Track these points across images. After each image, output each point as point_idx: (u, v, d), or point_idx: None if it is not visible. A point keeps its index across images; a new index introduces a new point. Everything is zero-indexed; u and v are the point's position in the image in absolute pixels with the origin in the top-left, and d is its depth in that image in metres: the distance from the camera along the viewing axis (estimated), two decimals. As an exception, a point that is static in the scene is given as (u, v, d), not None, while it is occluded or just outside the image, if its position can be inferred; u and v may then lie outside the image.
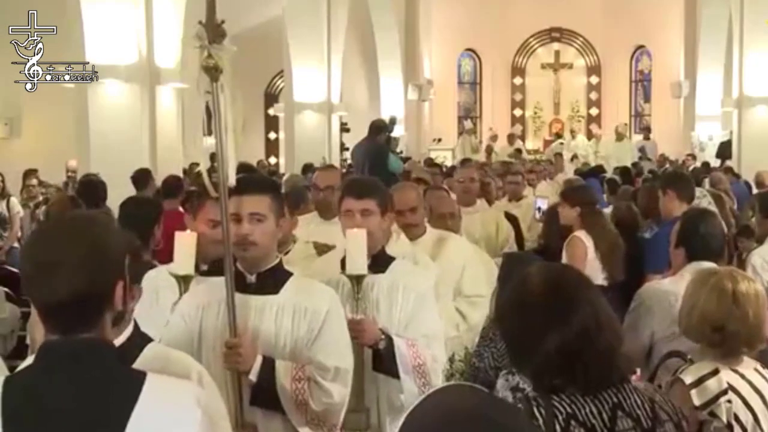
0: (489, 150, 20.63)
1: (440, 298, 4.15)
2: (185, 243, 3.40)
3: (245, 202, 3.10)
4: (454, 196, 6.43)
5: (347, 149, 16.64)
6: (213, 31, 3.04)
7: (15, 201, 9.95)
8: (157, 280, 3.51)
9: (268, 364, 3.03)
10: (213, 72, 3.04)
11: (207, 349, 3.12)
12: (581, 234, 5.79)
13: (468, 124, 23.29)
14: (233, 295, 3.02)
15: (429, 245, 4.65)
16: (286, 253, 4.51)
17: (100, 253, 1.94)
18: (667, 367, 3.38)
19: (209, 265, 3.58)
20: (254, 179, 3.27)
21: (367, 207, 3.58)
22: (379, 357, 3.46)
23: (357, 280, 3.40)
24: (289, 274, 3.22)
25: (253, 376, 3.02)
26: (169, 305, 3.37)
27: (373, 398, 3.55)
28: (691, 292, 3.10)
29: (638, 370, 3.91)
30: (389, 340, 3.44)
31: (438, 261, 4.45)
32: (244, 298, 3.08)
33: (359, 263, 3.39)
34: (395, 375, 3.46)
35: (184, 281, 3.36)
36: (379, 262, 3.60)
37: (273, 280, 3.16)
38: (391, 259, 3.69)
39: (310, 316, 3.11)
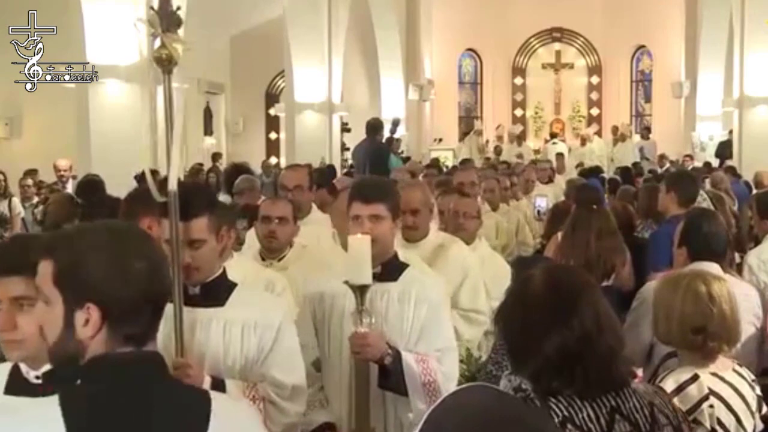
0: (498, 151, 20.55)
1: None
2: None
3: (184, 229, 2.83)
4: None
5: (348, 149, 16.64)
6: (167, 18, 2.74)
7: (17, 201, 9.95)
8: None
9: (218, 385, 2.77)
10: (166, 64, 2.75)
11: None
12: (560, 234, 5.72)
13: (478, 124, 23.31)
14: (181, 310, 2.74)
15: (428, 250, 4.44)
16: (281, 258, 4.43)
17: (163, 262, 1.88)
18: (668, 368, 3.37)
19: None
20: (188, 200, 2.85)
21: (376, 212, 3.32)
22: (385, 373, 3.21)
23: (360, 290, 3.12)
24: (234, 285, 2.99)
25: None
26: None
27: (380, 418, 3.29)
28: (662, 298, 3.07)
29: (640, 370, 3.90)
30: (397, 355, 3.20)
31: (435, 268, 4.17)
32: (188, 311, 2.80)
33: (363, 272, 3.11)
34: (403, 392, 3.23)
35: None
36: (390, 269, 3.35)
37: (217, 291, 2.94)
38: (404, 266, 3.43)
39: (261, 330, 2.89)
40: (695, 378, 2.89)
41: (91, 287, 1.75)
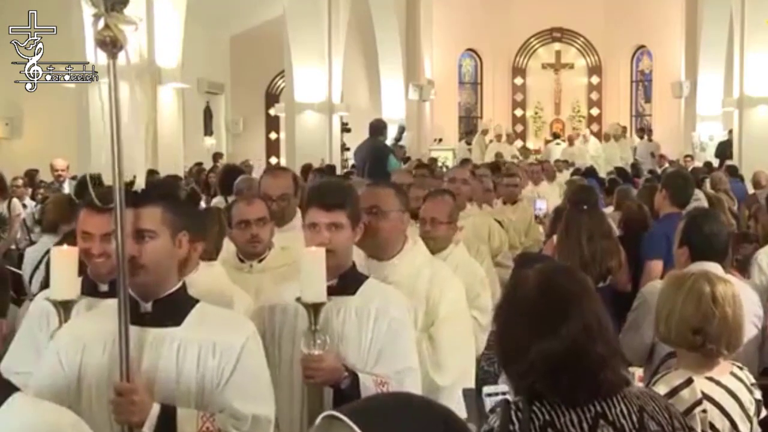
0: (500, 155, 20.48)
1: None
2: (64, 261, 2.80)
3: (131, 217, 2.51)
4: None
5: (348, 149, 16.64)
6: None
7: (16, 202, 9.94)
8: (46, 304, 2.92)
9: (168, 414, 2.46)
10: (110, 47, 2.49)
11: (89, 395, 2.55)
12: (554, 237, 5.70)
13: (483, 124, 23.26)
14: (127, 327, 2.45)
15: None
16: (261, 260, 4.14)
17: None
18: (668, 367, 3.38)
19: (109, 285, 2.97)
20: (142, 189, 2.63)
21: (336, 220, 3.03)
22: (341, 398, 2.87)
23: (314, 308, 2.82)
24: (195, 302, 2.64)
25: (147, 429, 2.44)
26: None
27: None
28: (666, 297, 3.04)
29: (640, 370, 3.90)
30: (354, 378, 2.91)
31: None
32: (137, 330, 2.50)
33: (316, 289, 2.82)
34: None
35: (63, 308, 2.76)
36: (348, 282, 3.07)
37: (173, 309, 2.58)
38: (363, 278, 3.16)
39: (220, 352, 2.54)
40: (689, 382, 2.86)
41: None
